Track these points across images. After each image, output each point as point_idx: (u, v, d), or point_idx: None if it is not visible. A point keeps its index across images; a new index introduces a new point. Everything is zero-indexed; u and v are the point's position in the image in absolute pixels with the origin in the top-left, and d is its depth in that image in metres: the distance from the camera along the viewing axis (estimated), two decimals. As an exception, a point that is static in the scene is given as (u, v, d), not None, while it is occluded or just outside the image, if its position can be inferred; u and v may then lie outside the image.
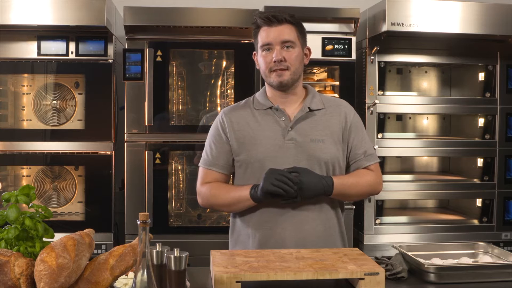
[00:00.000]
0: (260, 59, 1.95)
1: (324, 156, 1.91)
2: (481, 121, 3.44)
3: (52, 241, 1.48)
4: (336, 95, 3.20)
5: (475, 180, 3.42)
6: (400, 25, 3.03)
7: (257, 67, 2.00)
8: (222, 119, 2.01)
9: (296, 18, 1.95)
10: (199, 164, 2.02)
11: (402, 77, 3.65)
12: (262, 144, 1.92)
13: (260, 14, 1.94)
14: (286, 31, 1.90)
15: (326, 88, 3.33)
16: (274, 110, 1.96)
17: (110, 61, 3.09)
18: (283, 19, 1.90)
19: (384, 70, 3.26)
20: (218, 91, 3.31)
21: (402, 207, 3.68)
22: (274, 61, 1.89)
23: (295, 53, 1.92)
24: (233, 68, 3.17)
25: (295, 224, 1.90)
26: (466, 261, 1.90)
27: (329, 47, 3.13)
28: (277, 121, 1.95)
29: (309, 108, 1.96)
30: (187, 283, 1.57)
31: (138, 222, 1.27)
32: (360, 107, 3.25)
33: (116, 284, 1.56)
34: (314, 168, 1.89)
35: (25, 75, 3.24)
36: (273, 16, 1.90)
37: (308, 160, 1.90)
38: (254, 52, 2.01)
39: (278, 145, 1.91)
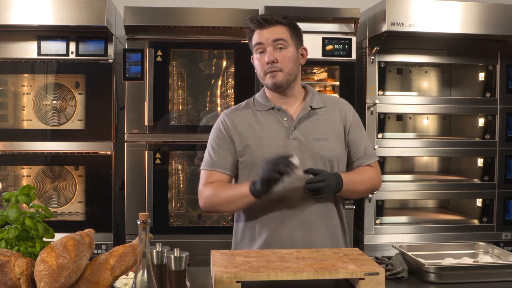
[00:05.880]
0: (256, 62, 1.96)
1: (328, 154, 1.93)
2: (481, 121, 3.43)
3: (52, 241, 1.48)
4: (336, 95, 3.20)
5: (475, 180, 3.41)
6: (400, 25, 3.03)
7: (255, 71, 2.01)
8: (224, 120, 2.00)
9: (289, 19, 1.95)
10: (201, 167, 2.00)
11: (402, 77, 3.65)
12: (266, 144, 1.92)
13: (252, 18, 1.94)
14: (278, 31, 1.91)
15: (326, 88, 3.33)
16: (276, 111, 1.97)
17: (110, 61, 3.09)
18: (274, 20, 1.91)
19: (384, 70, 3.26)
20: (218, 91, 3.31)
21: (402, 207, 3.68)
22: (267, 63, 1.90)
23: (288, 54, 1.92)
24: (233, 68, 3.17)
25: (303, 223, 1.91)
26: (466, 261, 1.90)
27: (329, 47, 3.13)
28: (279, 121, 1.95)
29: (310, 106, 1.97)
30: (187, 283, 1.57)
31: (138, 222, 1.27)
32: (360, 107, 3.25)
33: (116, 284, 1.56)
34: (318, 166, 1.89)
35: (25, 75, 3.24)
36: (263, 19, 1.91)
37: (312, 159, 1.90)
38: (252, 56, 2.01)
39: (283, 145, 1.92)
